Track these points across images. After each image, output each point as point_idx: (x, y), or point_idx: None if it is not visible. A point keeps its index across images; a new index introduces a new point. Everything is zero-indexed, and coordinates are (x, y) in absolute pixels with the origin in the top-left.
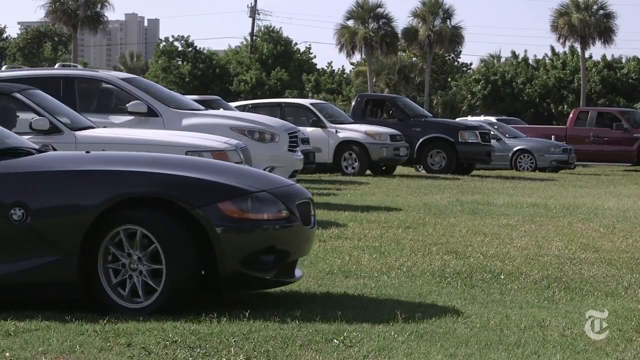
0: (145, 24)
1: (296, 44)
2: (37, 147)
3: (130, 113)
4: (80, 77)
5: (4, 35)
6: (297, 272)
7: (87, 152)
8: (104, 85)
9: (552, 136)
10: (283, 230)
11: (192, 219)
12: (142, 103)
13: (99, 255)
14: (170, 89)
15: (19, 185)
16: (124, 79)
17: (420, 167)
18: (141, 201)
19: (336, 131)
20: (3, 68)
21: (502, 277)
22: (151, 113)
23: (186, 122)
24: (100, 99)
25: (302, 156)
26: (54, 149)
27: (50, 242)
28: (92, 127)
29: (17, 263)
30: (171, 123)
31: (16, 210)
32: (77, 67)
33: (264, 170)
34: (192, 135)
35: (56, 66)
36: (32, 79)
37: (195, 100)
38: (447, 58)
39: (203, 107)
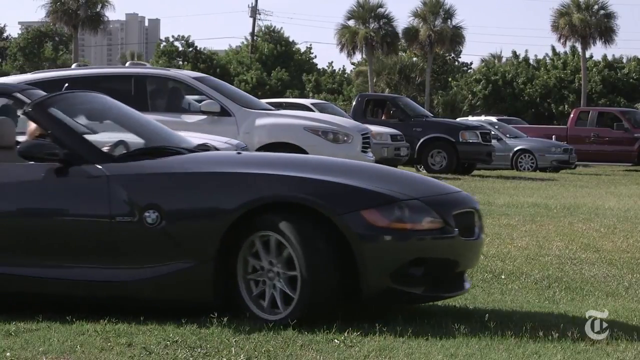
0: (146, 24)
1: (297, 44)
2: (191, 146)
3: (203, 112)
4: (152, 75)
5: (5, 35)
6: (466, 285)
7: (238, 152)
8: (176, 84)
9: (553, 136)
10: (434, 241)
11: (333, 227)
12: (215, 102)
13: (237, 265)
14: None
15: (153, 186)
16: (196, 78)
17: (421, 167)
18: (278, 206)
19: None
20: (73, 66)
21: (503, 277)
22: (224, 112)
23: (259, 121)
24: (171, 98)
25: (374, 157)
26: (216, 149)
27: (185, 248)
28: None
29: (150, 268)
30: (244, 122)
31: (150, 213)
32: (145, 65)
33: None
34: (191, 135)
35: (127, 64)
36: (103, 77)
37: None
38: (447, 58)
39: (273, 108)
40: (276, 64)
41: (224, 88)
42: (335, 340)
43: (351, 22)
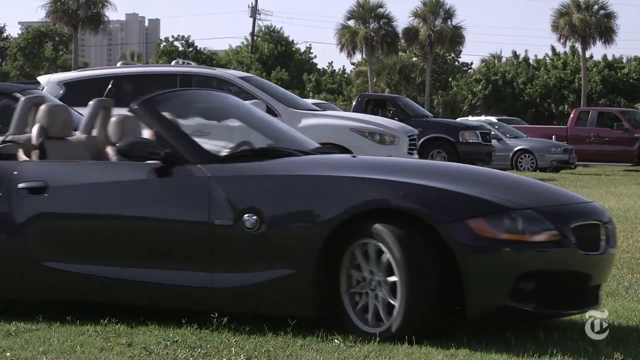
0: (146, 24)
1: (297, 44)
2: (310, 148)
3: None
4: (198, 74)
5: (5, 35)
6: (590, 302)
7: (353, 156)
8: (221, 83)
9: (553, 136)
10: (548, 255)
11: (437, 236)
12: (261, 102)
13: (340, 278)
14: None
15: (254, 189)
16: (242, 78)
17: None
18: (378, 212)
19: None
20: (118, 64)
21: None
22: (270, 112)
23: (305, 122)
24: None
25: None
26: (339, 152)
27: (284, 255)
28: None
29: (247, 275)
30: (290, 123)
31: (249, 217)
32: (191, 64)
33: None
34: None
35: (172, 63)
36: (149, 76)
37: None
38: (447, 58)
39: (318, 108)
40: (276, 64)
41: (269, 88)
42: (335, 340)
43: (351, 22)
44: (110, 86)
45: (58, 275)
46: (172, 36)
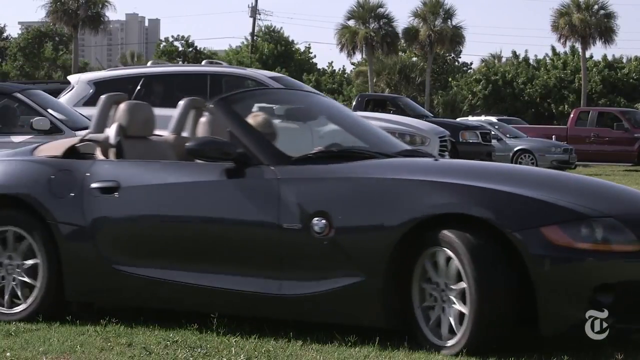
0: (146, 24)
1: (297, 44)
2: (395, 151)
3: None
4: (228, 74)
5: (5, 35)
6: None
7: (435, 159)
8: (252, 83)
9: (553, 136)
10: (629, 266)
11: (509, 243)
12: None
13: (412, 291)
14: None
15: (324, 192)
16: (272, 77)
17: None
18: (449, 219)
19: None
20: (149, 63)
21: None
22: None
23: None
24: None
25: None
26: (428, 155)
27: (354, 261)
28: None
29: (317, 282)
30: (320, 123)
31: (318, 221)
32: (222, 64)
33: None
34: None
35: (203, 63)
36: (179, 75)
37: None
38: (447, 58)
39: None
40: (276, 64)
41: (300, 87)
42: (335, 341)
43: (351, 22)
44: (139, 87)
45: (127, 278)
46: (172, 36)
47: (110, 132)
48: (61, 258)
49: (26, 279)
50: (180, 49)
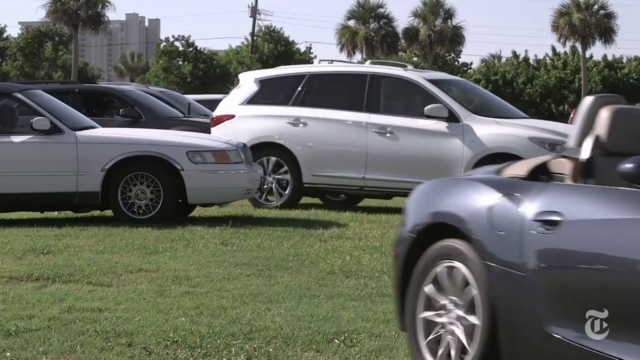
0: (146, 24)
1: (297, 44)
2: None
3: (428, 117)
4: (387, 75)
5: (5, 35)
6: None
7: None
8: (410, 85)
9: None
10: None
11: None
12: (443, 107)
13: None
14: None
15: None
16: (430, 80)
17: None
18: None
19: None
20: (317, 62)
21: None
22: (452, 118)
23: (485, 130)
24: (404, 100)
25: None
26: None
27: None
28: (94, 127)
29: None
30: (470, 130)
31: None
32: (388, 63)
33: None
34: (192, 135)
35: (367, 63)
36: (339, 75)
37: None
38: (447, 58)
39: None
40: (276, 64)
41: (456, 92)
42: (336, 340)
43: (351, 22)
44: (300, 87)
45: (567, 350)
46: (172, 36)
47: (585, 145)
48: (497, 313)
49: (463, 338)
50: (181, 49)
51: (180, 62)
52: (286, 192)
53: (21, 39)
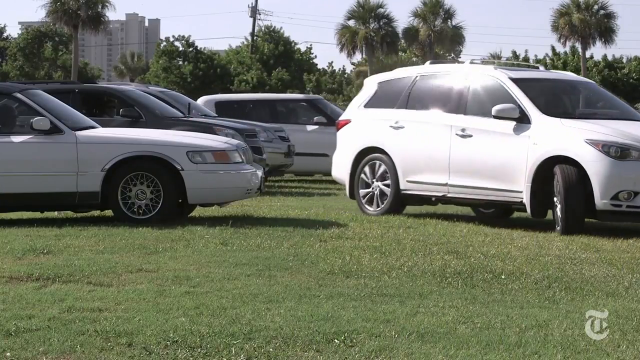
0: (146, 24)
1: (297, 44)
2: None
3: (495, 117)
4: (479, 74)
5: (5, 35)
6: None
7: None
8: (495, 84)
9: None
10: None
11: None
12: (515, 108)
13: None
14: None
15: None
16: (514, 79)
17: None
18: None
19: None
20: (427, 63)
21: (503, 277)
22: (523, 118)
23: (550, 129)
24: (486, 100)
25: None
26: None
27: None
28: (93, 127)
29: None
30: (539, 130)
31: None
32: (443, 61)
33: None
34: (192, 135)
35: (427, 63)
36: (440, 77)
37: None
38: (447, 58)
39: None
40: (276, 64)
41: (526, 94)
42: (336, 340)
43: (351, 22)
44: (407, 89)
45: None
46: (172, 36)
47: None
48: None
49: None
50: (181, 49)
51: (180, 62)
52: (385, 200)
53: (21, 39)
